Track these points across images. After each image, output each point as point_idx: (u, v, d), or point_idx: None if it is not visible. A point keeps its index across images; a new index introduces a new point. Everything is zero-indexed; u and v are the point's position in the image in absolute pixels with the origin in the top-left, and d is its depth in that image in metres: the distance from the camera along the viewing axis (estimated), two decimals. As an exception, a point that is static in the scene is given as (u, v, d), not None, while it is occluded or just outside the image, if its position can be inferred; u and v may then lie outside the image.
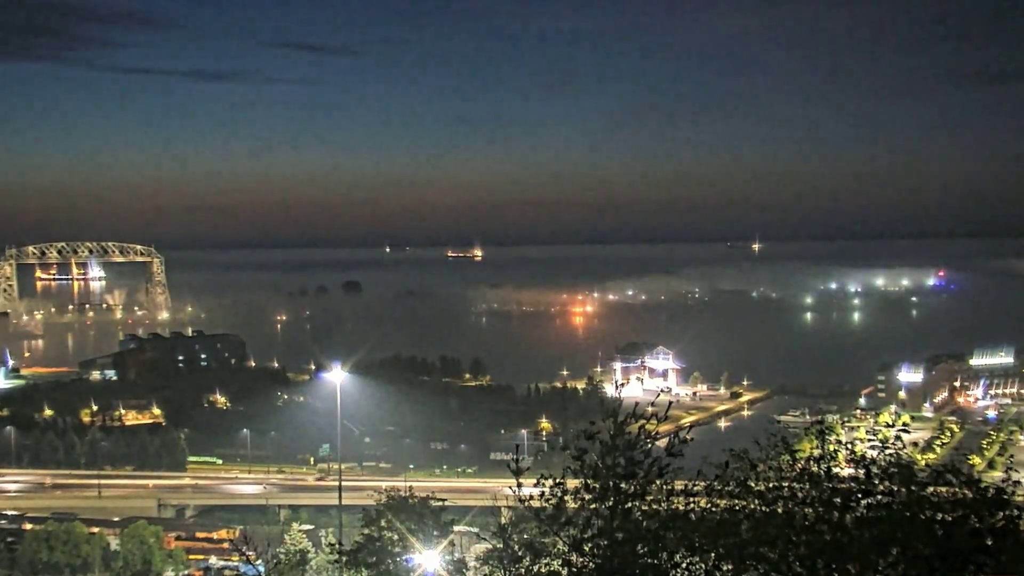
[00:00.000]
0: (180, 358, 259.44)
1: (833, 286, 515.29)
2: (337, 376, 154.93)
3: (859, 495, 15.72)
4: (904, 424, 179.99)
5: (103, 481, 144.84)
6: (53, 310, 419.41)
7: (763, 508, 16.40)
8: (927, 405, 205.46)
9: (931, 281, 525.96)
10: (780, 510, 16.20)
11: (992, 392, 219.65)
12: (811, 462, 16.75)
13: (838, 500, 15.77)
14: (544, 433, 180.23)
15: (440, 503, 31.31)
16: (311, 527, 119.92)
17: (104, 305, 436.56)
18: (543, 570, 17.19)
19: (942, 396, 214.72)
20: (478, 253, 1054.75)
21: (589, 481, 17.09)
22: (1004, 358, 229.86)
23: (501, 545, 17.58)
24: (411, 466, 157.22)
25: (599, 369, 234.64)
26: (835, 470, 16.40)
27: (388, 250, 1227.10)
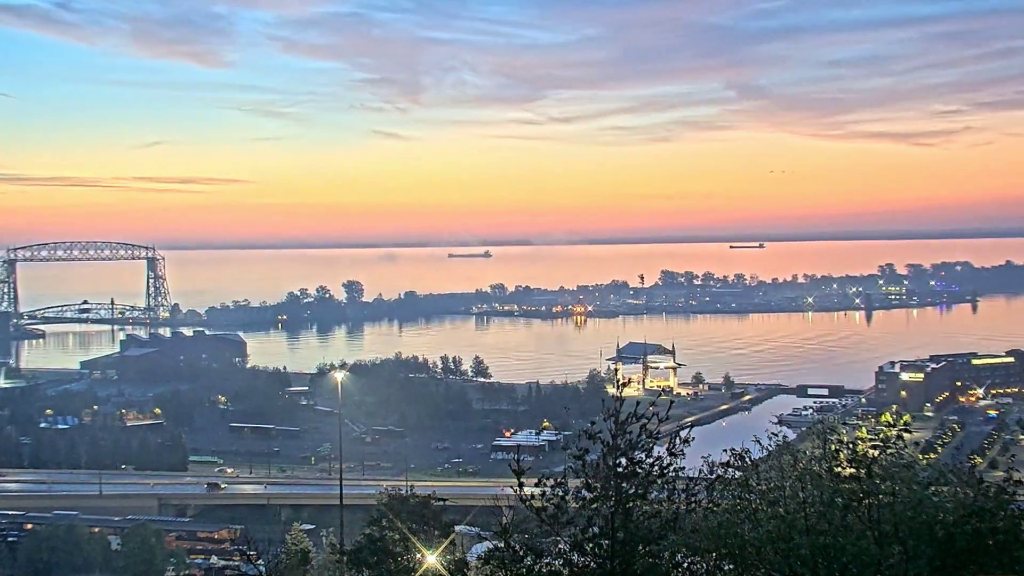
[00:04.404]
0: (181, 357, 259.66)
1: (835, 286, 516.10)
2: (338, 375, 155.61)
3: (861, 495, 15.70)
4: (905, 424, 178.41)
5: (104, 481, 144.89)
6: (54, 308, 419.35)
7: (765, 508, 16.38)
8: (929, 405, 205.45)
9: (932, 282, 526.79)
10: (782, 510, 16.19)
11: (994, 392, 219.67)
12: (812, 462, 16.75)
13: (840, 500, 15.76)
14: (545, 432, 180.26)
15: (441, 503, 31.34)
16: (312, 527, 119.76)
17: (105, 304, 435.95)
18: (544, 570, 17.19)
19: (944, 396, 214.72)
20: (488, 251, 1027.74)
21: (590, 481, 17.09)
22: (1005, 358, 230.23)
23: (502, 545, 17.58)
24: (412, 466, 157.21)
25: (600, 369, 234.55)
26: (836, 470, 16.39)
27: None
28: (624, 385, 18.67)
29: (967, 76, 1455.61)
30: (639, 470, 17.00)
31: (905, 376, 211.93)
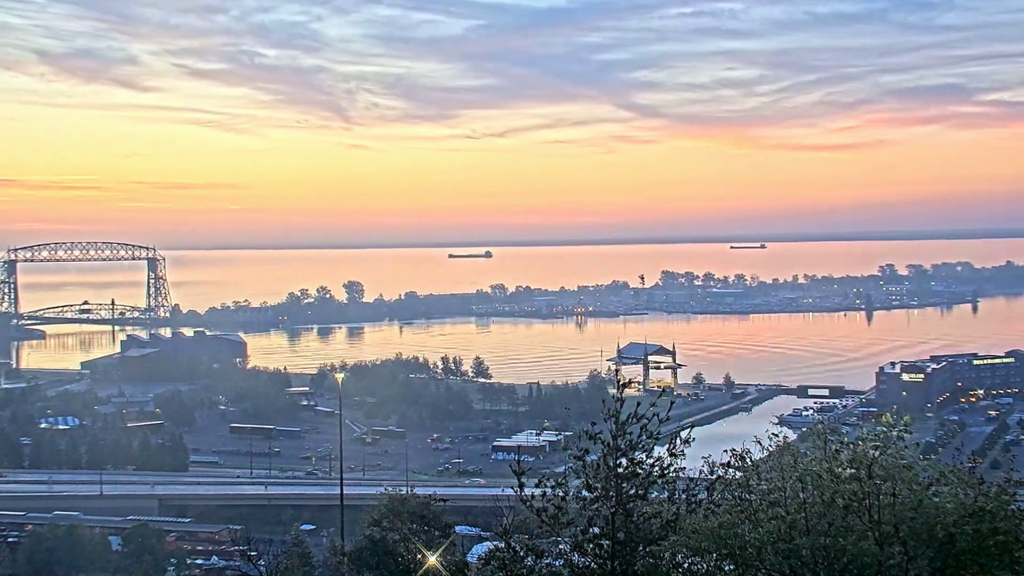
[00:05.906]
0: (181, 358, 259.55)
1: (835, 286, 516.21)
2: (339, 376, 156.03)
3: (861, 496, 15.70)
4: (906, 425, 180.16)
5: (105, 481, 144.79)
6: (55, 309, 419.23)
7: (765, 509, 16.39)
8: (929, 405, 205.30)
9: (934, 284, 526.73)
10: (782, 511, 16.19)
11: (994, 392, 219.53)
12: (813, 463, 16.75)
13: (840, 501, 15.76)
14: (546, 433, 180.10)
15: (442, 504, 31.33)
16: (313, 527, 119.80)
17: (105, 304, 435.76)
18: (545, 570, 17.20)
19: (944, 396, 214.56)
20: (488, 251, 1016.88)
21: (591, 481, 17.11)
22: (1006, 358, 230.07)
23: (503, 545, 17.59)
24: (412, 466, 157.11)
25: (601, 369, 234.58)
26: (837, 471, 16.40)
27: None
28: (625, 386, 18.66)
29: (828, 97, 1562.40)
30: (639, 471, 17.01)
31: (906, 377, 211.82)
